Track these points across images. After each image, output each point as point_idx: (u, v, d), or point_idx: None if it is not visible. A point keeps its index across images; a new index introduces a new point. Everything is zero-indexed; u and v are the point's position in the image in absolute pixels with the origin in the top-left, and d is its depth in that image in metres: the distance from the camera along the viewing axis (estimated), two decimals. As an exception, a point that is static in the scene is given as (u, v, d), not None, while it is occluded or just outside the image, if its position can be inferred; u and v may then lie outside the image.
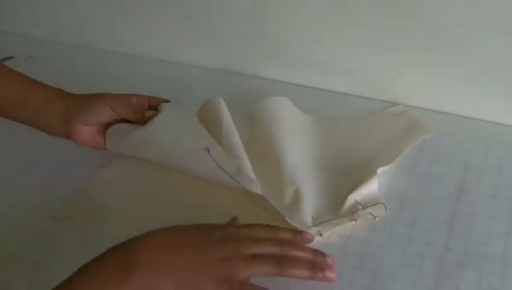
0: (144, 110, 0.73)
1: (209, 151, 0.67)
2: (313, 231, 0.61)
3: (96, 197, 0.70)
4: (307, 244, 0.58)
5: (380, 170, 0.68)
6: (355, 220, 0.63)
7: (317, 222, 0.63)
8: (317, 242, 0.61)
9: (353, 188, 0.66)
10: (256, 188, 0.65)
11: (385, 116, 0.81)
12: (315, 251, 0.56)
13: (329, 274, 0.54)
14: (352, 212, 0.64)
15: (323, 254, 0.55)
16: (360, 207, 0.64)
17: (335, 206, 0.65)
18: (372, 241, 0.62)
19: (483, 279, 0.57)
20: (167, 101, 0.75)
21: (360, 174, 0.68)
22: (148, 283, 0.49)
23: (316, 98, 0.87)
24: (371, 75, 0.84)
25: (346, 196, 0.65)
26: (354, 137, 0.77)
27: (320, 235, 0.61)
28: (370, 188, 0.66)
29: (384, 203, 0.65)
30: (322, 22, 0.83)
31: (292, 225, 0.61)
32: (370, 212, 0.64)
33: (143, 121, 0.72)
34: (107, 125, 0.74)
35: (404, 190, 0.68)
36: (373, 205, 0.65)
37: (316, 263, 0.54)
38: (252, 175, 0.66)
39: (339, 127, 0.79)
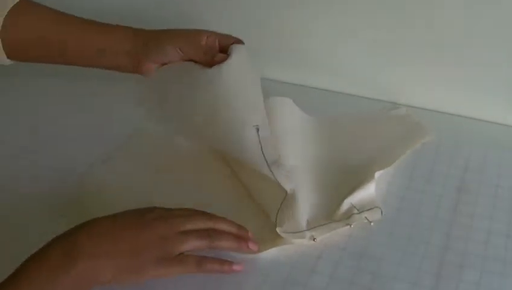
0: (215, 51, 0.72)
1: (258, 130, 0.66)
2: (306, 235, 0.61)
3: (96, 194, 0.69)
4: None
5: (377, 174, 0.67)
6: (350, 225, 0.62)
7: (311, 226, 0.62)
8: (310, 246, 0.61)
9: (350, 191, 0.65)
10: (287, 185, 0.64)
11: (387, 118, 0.80)
12: (239, 226, 0.60)
13: (253, 246, 0.59)
14: (348, 216, 0.63)
15: (245, 229, 0.60)
16: (356, 211, 0.63)
17: (331, 210, 0.64)
18: (372, 241, 0.62)
19: (483, 279, 0.57)
20: (239, 41, 0.74)
21: (357, 177, 0.67)
22: (91, 269, 0.51)
23: (316, 98, 0.87)
24: (371, 75, 0.84)
25: (343, 199, 0.65)
26: (354, 139, 0.76)
27: (313, 239, 0.61)
28: (367, 192, 0.65)
29: (380, 208, 0.64)
30: (322, 23, 0.83)
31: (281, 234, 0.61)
32: (366, 217, 0.63)
33: (211, 64, 0.71)
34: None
35: (404, 189, 0.68)
36: (369, 209, 0.64)
37: (241, 236, 0.59)
38: (288, 174, 0.65)
39: (340, 129, 0.78)
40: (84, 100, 0.87)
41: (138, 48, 0.73)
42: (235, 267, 0.57)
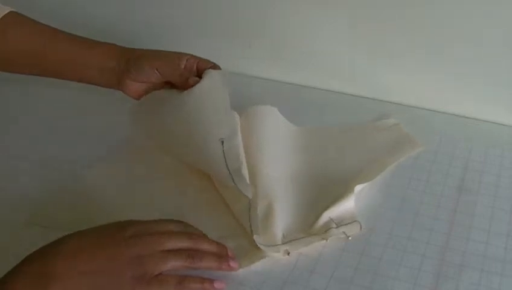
0: (190, 74, 0.74)
1: (222, 143, 0.67)
2: (281, 249, 0.60)
3: (74, 203, 0.69)
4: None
5: (357, 188, 0.66)
6: (326, 239, 0.61)
7: (286, 240, 0.61)
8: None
9: (329, 205, 0.64)
10: (249, 193, 0.63)
11: (374, 129, 0.78)
12: (218, 244, 0.59)
13: (233, 264, 0.58)
14: (325, 230, 0.62)
15: (225, 247, 0.59)
16: (334, 225, 0.62)
17: (308, 223, 0.63)
18: (372, 241, 0.62)
19: (483, 279, 0.57)
20: (216, 66, 0.76)
21: (338, 190, 0.66)
22: None
23: (316, 98, 0.87)
24: (371, 75, 0.84)
25: (321, 212, 0.63)
26: (339, 151, 0.75)
27: (288, 254, 0.60)
28: (346, 206, 0.64)
29: (359, 222, 0.63)
30: (322, 23, 0.83)
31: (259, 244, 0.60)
32: (343, 232, 0.62)
33: (185, 87, 0.73)
34: (155, 84, 0.76)
35: (404, 189, 0.68)
36: (348, 223, 0.63)
37: (222, 255, 0.58)
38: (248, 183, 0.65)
39: (324, 140, 0.77)
40: (83, 104, 0.87)
41: (121, 66, 0.74)
42: (216, 284, 0.56)
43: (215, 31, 0.92)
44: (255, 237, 0.60)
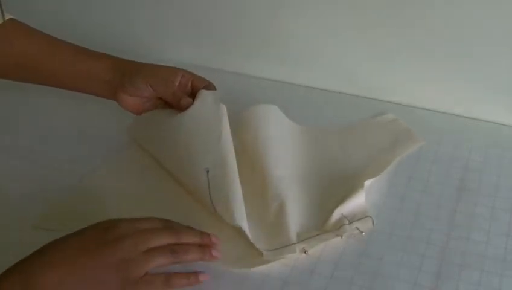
0: (184, 93, 0.74)
1: (207, 172, 0.66)
2: (298, 248, 0.60)
3: (78, 207, 0.69)
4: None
5: (367, 182, 0.66)
6: (341, 236, 0.62)
7: (301, 239, 0.61)
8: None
9: (340, 202, 0.64)
10: (236, 222, 0.61)
11: (375, 125, 0.79)
12: (202, 233, 0.59)
13: (216, 253, 0.58)
14: (339, 226, 0.62)
15: (208, 235, 0.59)
16: (347, 222, 0.63)
17: (321, 221, 0.64)
18: (372, 241, 0.62)
19: (483, 279, 0.57)
20: (210, 85, 0.75)
21: (347, 187, 0.66)
22: None
23: (316, 98, 0.87)
24: (371, 75, 0.84)
25: (333, 209, 0.64)
26: (343, 148, 0.75)
27: (305, 252, 0.60)
28: (357, 201, 0.65)
29: (371, 217, 0.63)
30: (321, 23, 0.83)
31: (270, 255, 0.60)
32: (357, 227, 0.62)
33: (177, 107, 0.73)
34: (150, 98, 0.76)
35: (404, 189, 0.68)
36: (360, 218, 0.63)
37: (205, 245, 0.58)
38: (238, 214, 0.62)
39: (328, 138, 0.77)
40: (83, 105, 0.87)
41: (116, 79, 0.74)
42: (201, 277, 0.56)
43: (216, 32, 0.92)
44: (264, 254, 0.59)
